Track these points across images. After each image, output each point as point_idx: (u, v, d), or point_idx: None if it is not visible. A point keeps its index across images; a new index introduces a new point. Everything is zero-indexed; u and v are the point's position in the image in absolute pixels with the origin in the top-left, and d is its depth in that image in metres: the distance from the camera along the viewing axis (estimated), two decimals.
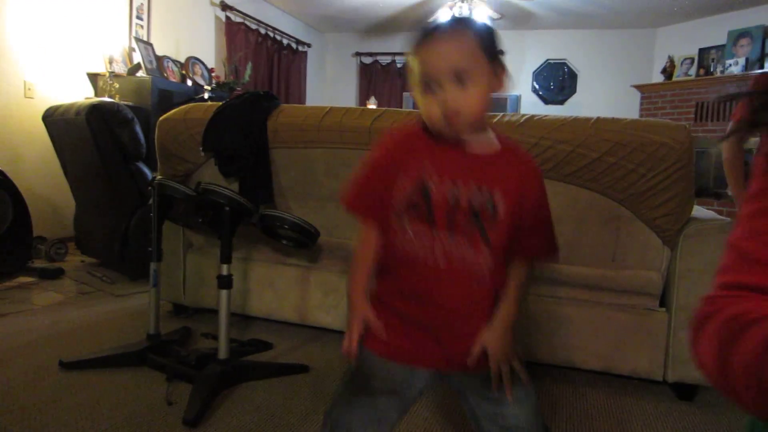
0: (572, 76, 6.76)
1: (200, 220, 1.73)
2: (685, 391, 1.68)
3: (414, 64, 0.80)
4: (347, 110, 1.86)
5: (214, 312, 1.82)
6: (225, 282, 1.62)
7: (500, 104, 6.11)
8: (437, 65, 0.77)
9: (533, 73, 6.89)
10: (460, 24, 0.83)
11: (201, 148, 1.97)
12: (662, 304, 1.70)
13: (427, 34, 0.80)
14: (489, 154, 0.84)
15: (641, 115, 6.23)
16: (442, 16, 5.47)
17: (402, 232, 0.83)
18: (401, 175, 0.83)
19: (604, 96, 6.59)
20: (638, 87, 6.26)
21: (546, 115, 1.72)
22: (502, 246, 0.83)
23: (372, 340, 0.87)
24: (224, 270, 1.63)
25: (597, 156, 1.60)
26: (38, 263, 3.01)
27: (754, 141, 5.25)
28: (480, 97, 0.78)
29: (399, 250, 0.84)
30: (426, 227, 0.81)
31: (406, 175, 0.83)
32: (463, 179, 0.81)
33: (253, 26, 5.68)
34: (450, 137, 0.81)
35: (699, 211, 1.78)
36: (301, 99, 6.71)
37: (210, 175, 2.04)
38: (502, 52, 0.82)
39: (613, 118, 1.65)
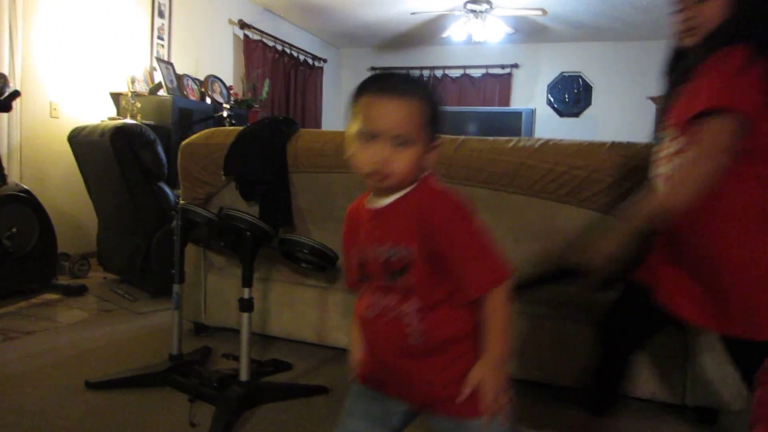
0: (587, 89, 6.75)
1: (222, 244, 1.78)
2: (706, 416, 1.67)
3: (357, 111, 0.82)
4: None
5: (235, 331, 1.86)
6: (246, 305, 1.66)
7: (515, 118, 6.12)
8: (379, 124, 0.79)
9: (548, 86, 6.90)
10: (411, 87, 0.82)
11: (222, 173, 2.03)
12: (680, 327, 1.69)
13: (379, 86, 0.81)
14: (394, 204, 0.85)
15: (656, 127, 6.19)
16: (455, 32, 5.53)
17: (361, 294, 0.93)
18: (352, 250, 0.93)
19: (619, 108, 6.56)
20: (654, 99, 6.23)
21: (561, 140, 1.74)
22: (427, 292, 0.84)
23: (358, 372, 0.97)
24: (245, 294, 1.66)
25: (612, 180, 1.61)
26: (62, 279, 3.09)
27: None
28: (411, 163, 0.81)
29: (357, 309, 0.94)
30: (368, 290, 0.90)
31: (351, 251, 0.93)
32: (376, 240, 0.86)
33: (271, 43, 5.79)
34: (371, 188, 0.87)
35: None
36: (317, 114, 6.80)
37: (231, 197, 2.09)
38: (440, 124, 0.85)
39: (628, 143, 1.66)
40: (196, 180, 2.13)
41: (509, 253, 1.16)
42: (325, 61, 6.94)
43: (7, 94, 2.81)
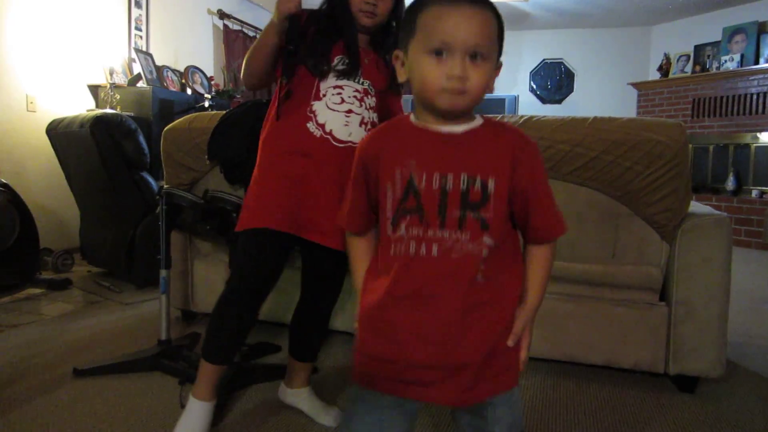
0: (569, 76, 6.82)
1: (208, 227, 1.77)
2: (686, 383, 1.71)
3: (428, 23, 0.75)
4: None
5: None
6: None
7: (498, 105, 6.15)
8: (458, 36, 0.73)
9: (530, 73, 6.94)
10: (487, 2, 0.78)
11: (206, 157, 2.01)
12: (662, 298, 1.73)
13: None
14: (472, 131, 0.80)
15: (638, 113, 6.27)
16: None
17: (399, 235, 0.80)
18: (384, 182, 0.81)
19: (601, 94, 6.64)
20: (635, 85, 6.31)
21: (544, 116, 1.76)
22: (500, 230, 0.79)
23: (359, 376, 0.85)
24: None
25: (595, 155, 1.64)
26: (45, 275, 3.04)
27: (752, 136, 5.28)
28: (486, 80, 0.76)
29: (391, 254, 0.81)
30: (418, 224, 0.78)
31: (389, 180, 0.80)
32: (450, 167, 0.77)
33: (251, 33, 5.73)
34: (441, 111, 0.78)
35: (696, 206, 1.82)
36: None
37: (215, 182, 2.08)
38: (503, 44, 0.81)
39: (609, 118, 1.69)
40: (180, 165, 2.11)
41: None
42: None
43: None
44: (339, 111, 1.30)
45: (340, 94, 1.30)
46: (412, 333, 0.78)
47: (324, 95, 1.30)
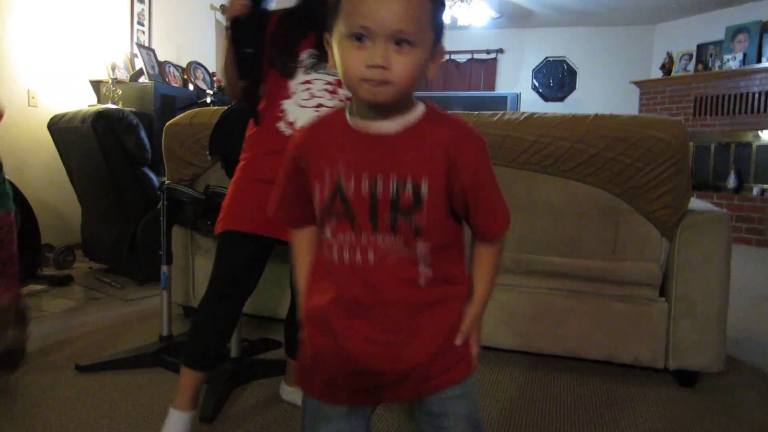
0: (572, 73, 6.80)
1: (209, 222, 1.77)
2: (686, 378, 1.72)
3: (349, 4, 0.67)
4: None
5: None
6: None
7: (500, 102, 6.15)
8: (379, 19, 0.65)
9: (533, 70, 6.93)
10: None
11: (208, 152, 2.01)
12: (662, 294, 1.73)
13: None
14: (406, 130, 0.73)
15: (641, 111, 6.26)
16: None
17: (327, 238, 0.75)
18: (313, 181, 0.76)
19: (603, 92, 6.62)
20: (637, 83, 6.30)
21: (545, 113, 1.76)
22: (437, 233, 0.74)
23: (309, 385, 0.83)
24: None
25: (595, 152, 1.64)
26: (47, 271, 3.05)
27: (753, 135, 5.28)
28: (414, 70, 0.68)
29: (327, 258, 0.76)
30: (349, 229, 0.73)
31: (318, 179, 0.75)
32: (380, 168, 0.72)
33: None
34: (365, 102, 0.70)
35: (696, 203, 1.82)
36: None
37: (217, 178, 2.08)
38: (443, 27, 0.73)
39: (610, 115, 1.69)
40: (181, 161, 2.12)
41: None
42: None
43: None
44: (308, 107, 1.28)
45: (309, 89, 1.28)
46: (360, 340, 0.76)
47: (294, 93, 1.29)
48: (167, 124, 2.15)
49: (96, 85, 3.86)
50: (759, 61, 5.22)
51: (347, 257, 0.74)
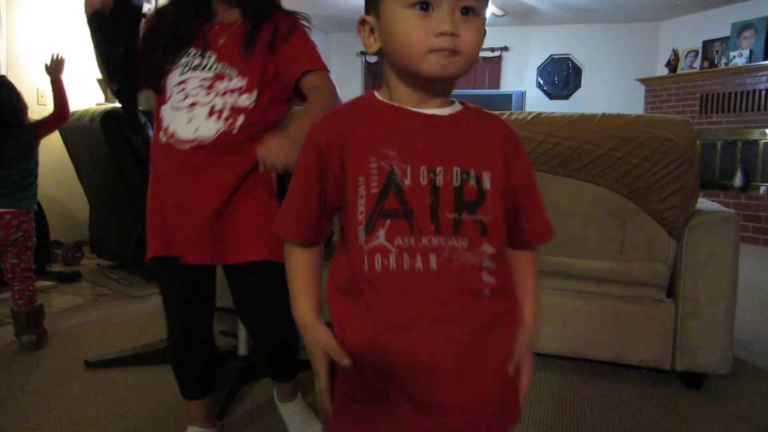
0: (577, 71, 6.78)
1: None
2: (692, 380, 1.72)
3: None
4: None
5: (231, 311, 1.87)
6: None
7: (505, 100, 6.13)
8: None
9: (538, 68, 6.91)
10: None
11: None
12: (669, 294, 1.73)
13: None
14: (458, 115, 0.67)
15: (646, 109, 6.24)
16: None
17: (381, 244, 0.63)
18: (355, 177, 0.64)
19: (608, 90, 6.59)
20: (643, 80, 6.27)
21: (552, 113, 1.76)
22: (501, 233, 0.67)
23: (338, 426, 0.70)
24: None
25: (603, 152, 1.64)
26: (55, 267, 3.08)
27: (760, 132, 5.24)
28: (480, 41, 0.63)
29: (375, 265, 0.63)
30: (407, 230, 0.62)
31: (363, 173, 0.63)
32: (440, 159, 0.64)
33: None
34: (429, 78, 0.62)
35: (704, 203, 1.82)
36: None
37: None
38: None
39: (618, 114, 1.69)
40: None
41: None
42: None
43: None
44: (182, 108, 1.15)
45: (183, 89, 1.16)
46: (425, 368, 0.63)
47: (170, 96, 1.17)
48: None
49: (104, 84, 3.88)
50: (766, 57, 5.19)
51: (407, 265, 0.62)
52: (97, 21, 1.14)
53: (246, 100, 1.14)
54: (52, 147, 3.44)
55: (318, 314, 0.70)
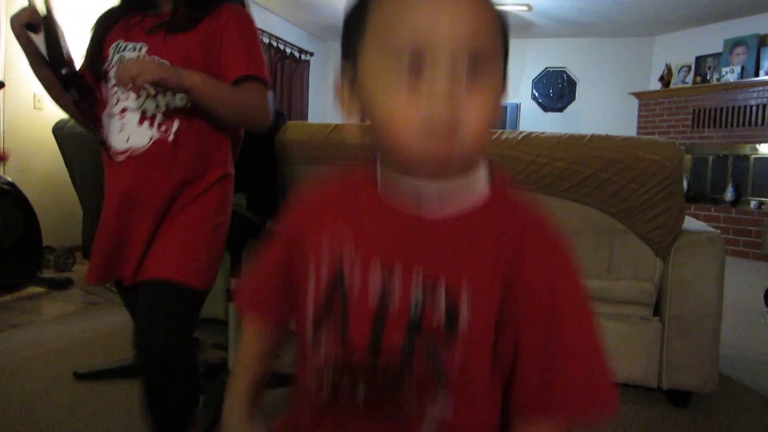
0: (571, 84, 6.84)
1: None
2: (679, 398, 1.74)
3: (386, 14, 0.44)
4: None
5: (223, 322, 1.88)
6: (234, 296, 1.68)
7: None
8: (438, 30, 0.42)
9: (533, 81, 6.97)
10: None
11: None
12: (656, 313, 1.76)
13: None
14: (467, 215, 0.49)
15: (639, 123, 6.30)
16: None
17: (313, 350, 0.51)
18: (311, 264, 0.52)
19: (602, 103, 6.66)
20: (636, 94, 6.34)
21: (543, 133, 1.79)
22: (472, 386, 0.47)
23: None
24: (233, 284, 1.69)
25: (591, 172, 1.66)
26: (47, 273, 3.07)
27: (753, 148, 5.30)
28: (494, 105, 0.45)
29: (307, 379, 0.53)
30: (339, 344, 0.48)
31: (317, 261, 0.51)
32: (404, 261, 0.48)
33: None
34: (418, 171, 0.47)
35: (690, 222, 1.85)
36: (304, 108, 6.79)
37: None
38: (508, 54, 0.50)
39: (606, 136, 1.71)
40: None
41: None
42: (311, 54, 6.93)
43: None
44: (115, 114, 1.07)
45: (115, 93, 1.08)
46: None
47: (108, 102, 1.10)
48: None
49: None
50: (757, 74, 5.26)
51: (327, 391, 0.48)
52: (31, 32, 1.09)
53: (181, 100, 1.04)
54: (45, 152, 3.45)
55: (251, 415, 0.60)
